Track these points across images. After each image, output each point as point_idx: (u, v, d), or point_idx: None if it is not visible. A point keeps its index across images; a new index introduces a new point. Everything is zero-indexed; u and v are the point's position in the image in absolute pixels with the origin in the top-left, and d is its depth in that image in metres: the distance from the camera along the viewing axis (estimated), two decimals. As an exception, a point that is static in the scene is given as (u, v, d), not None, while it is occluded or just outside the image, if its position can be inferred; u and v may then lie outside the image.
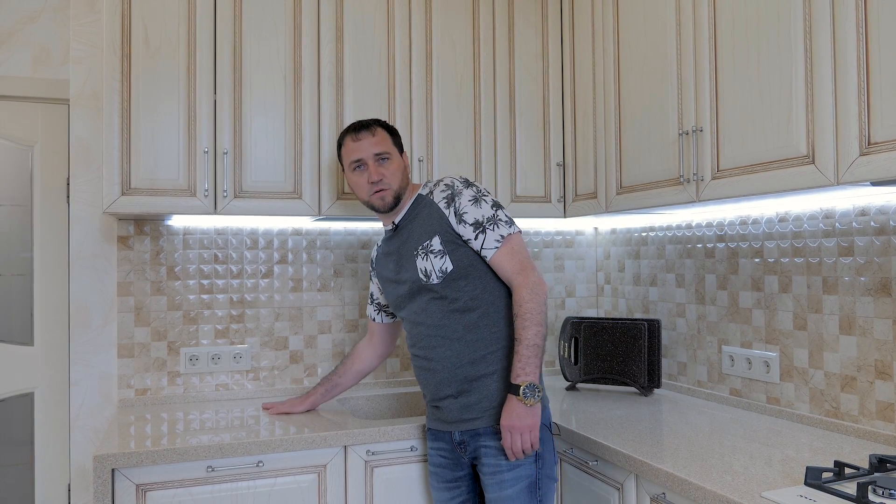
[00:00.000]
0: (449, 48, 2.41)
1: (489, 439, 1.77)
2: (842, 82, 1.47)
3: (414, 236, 1.84)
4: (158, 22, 2.09)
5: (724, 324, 2.24)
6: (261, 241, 2.50)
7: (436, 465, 1.90)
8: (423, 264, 1.80)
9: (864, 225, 1.79)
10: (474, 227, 1.77)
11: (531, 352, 1.69)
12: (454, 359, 1.79)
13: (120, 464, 1.75)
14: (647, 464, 1.61)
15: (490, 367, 1.77)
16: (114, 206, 2.03)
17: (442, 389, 1.82)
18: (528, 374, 1.68)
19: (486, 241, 1.77)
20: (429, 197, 1.85)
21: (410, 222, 1.87)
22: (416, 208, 1.87)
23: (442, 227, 1.79)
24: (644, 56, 2.09)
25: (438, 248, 1.78)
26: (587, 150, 2.41)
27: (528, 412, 1.67)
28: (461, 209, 1.78)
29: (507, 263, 1.76)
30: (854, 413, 1.82)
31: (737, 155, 1.74)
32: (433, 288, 1.79)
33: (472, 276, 1.79)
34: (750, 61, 1.70)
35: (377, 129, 1.90)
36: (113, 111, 2.04)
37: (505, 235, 1.77)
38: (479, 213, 1.77)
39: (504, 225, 1.78)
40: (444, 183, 1.84)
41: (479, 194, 1.80)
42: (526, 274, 1.75)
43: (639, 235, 2.67)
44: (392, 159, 1.89)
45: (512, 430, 1.68)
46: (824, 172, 1.51)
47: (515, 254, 1.77)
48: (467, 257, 1.79)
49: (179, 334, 2.40)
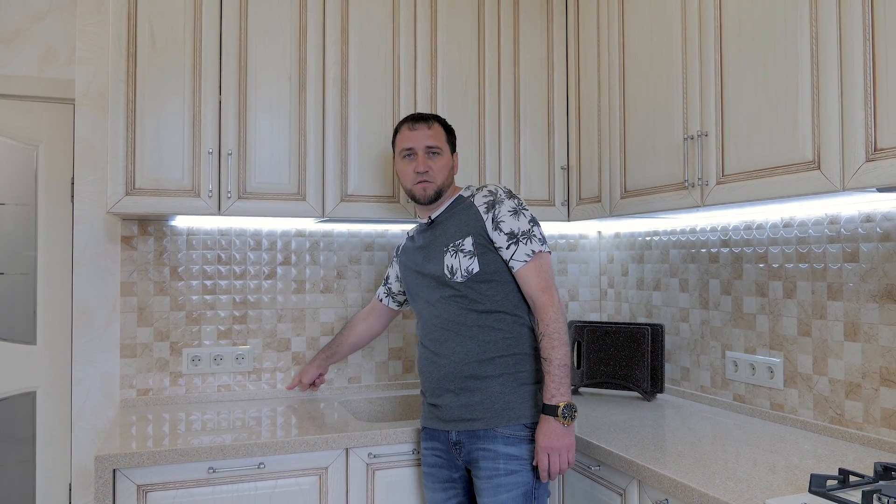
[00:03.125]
0: (454, 50, 2.41)
1: (487, 442, 1.77)
2: (848, 87, 1.47)
3: (447, 233, 1.87)
4: (164, 22, 2.09)
5: (728, 329, 2.23)
6: (264, 243, 2.50)
7: (430, 465, 1.91)
8: (450, 261, 1.83)
9: (870, 231, 1.78)
10: (509, 236, 1.80)
11: (562, 372, 1.72)
12: (462, 354, 1.81)
13: (121, 464, 1.75)
14: (649, 469, 1.61)
15: (497, 371, 1.79)
16: (118, 207, 2.03)
17: (443, 384, 1.83)
18: (562, 394, 1.71)
19: (517, 252, 1.80)
20: (469, 199, 1.89)
21: (446, 219, 1.91)
22: (454, 207, 1.91)
23: (477, 229, 1.82)
24: (649, 60, 2.09)
25: (469, 248, 1.81)
26: (591, 153, 2.40)
27: (566, 432, 1.71)
28: (499, 217, 1.81)
29: (532, 279, 1.79)
30: (859, 420, 1.81)
31: (742, 160, 1.73)
32: (455, 286, 1.83)
33: (496, 282, 1.82)
34: (756, 66, 1.70)
35: (434, 124, 1.95)
36: (118, 111, 2.04)
37: (536, 251, 1.80)
38: (517, 224, 1.81)
39: (537, 241, 1.81)
40: (488, 189, 1.88)
41: (520, 207, 1.84)
42: (552, 294, 1.78)
43: (643, 240, 2.66)
44: (442, 155, 1.93)
45: (551, 450, 1.70)
46: (830, 178, 1.50)
47: (543, 272, 1.80)
48: (495, 263, 1.82)
49: (182, 335, 2.40)
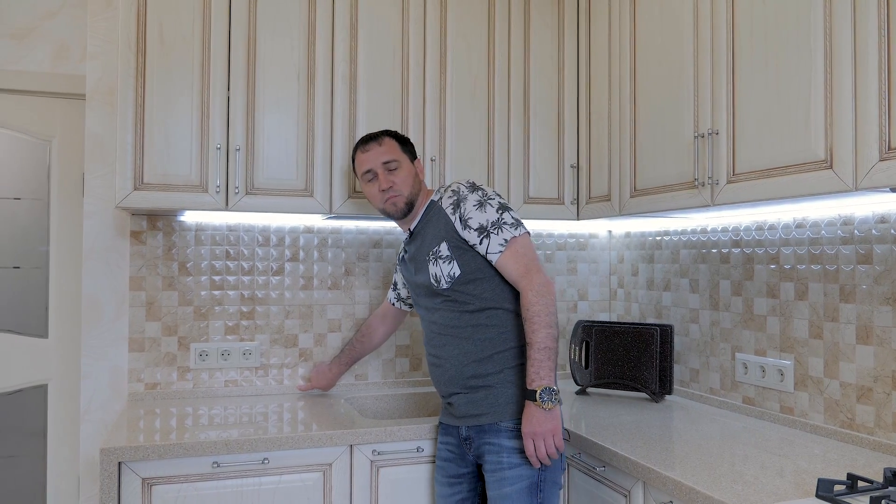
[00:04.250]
0: (464, 47, 2.39)
1: (493, 436, 1.78)
2: (862, 85, 1.44)
3: (426, 242, 1.87)
4: (173, 19, 2.10)
5: (738, 331, 2.20)
6: (272, 239, 2.50)
7: (443, 459, 1.93)
8: (434, 269, 1.83)
9: (884, 232, 1.75)
10: (478, 231, 1.78)
11: (543, 355, 1.69)
12: (462, 357, 1.82)
13: (126, 457, 1.76)
14: (654, 471, 1.59)
15: (497, 367, 1.79)
16: (126, 201, 2.04)
17: (451, 386, 1.85)
18: (542, 377, 1.68)
19: (491, 245, 1.77)
20: (439, 203, 1.88)
21: (424, 228, 1.91)
22: (428, 214, 1.91)
23: (448, 233, 1.81)
24: (660, 57, 2.06)
25: (446, 253, 1.81)
26: (601, 151, 2.38)
27: (547, 416, 1.68)
28: (466, 215, 1.79)
29: (511, 266, 1.77)
30: (870, 425, 1.78)
31: (753, 158, 1.71)
32: (443, 293, 1.83)
33: (481, 279, 1.81)
34: (768, 63, 1.67)
35: (384, 139, 1.95)
36: (127, 107, 2.05)
37: (509, 239, 1.77)
38: (484, 217, 1.78)
39: (508, 228, 1.78)
40: (451, 189, 1.86)
41: (485, 198, 1.81)
42: (531, 276, 1.74)
43: (653, 239, 2.64)
44: (401, 166, 1.92)
45: (534, 436, 1.68)
46: (842, 178, 1.47)
47: (520, 257, 1.77)
48: (475, 261, 1.81)
49: (190, 330, 2.41)
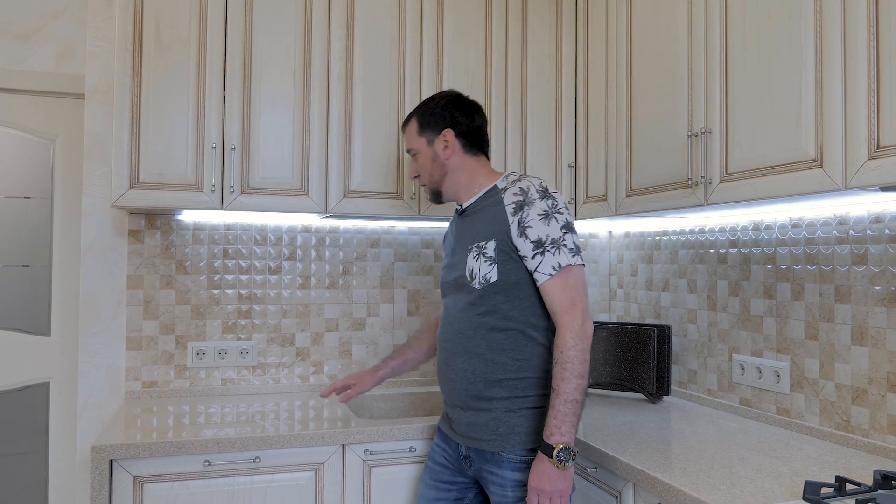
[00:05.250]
0: (461, 46, 2.39)
1: (495, 466, 1.67)
2: (852, 84, 1.42)
3: (475, 229, 1.72)
4: (170, 18, 2.11)
5: (736, 331, 2.18)
6: (270, 238, 2.51)
7: (435, 462, 1.85)
8: (472, 263, 1.69)
9: (879, 232, 1.73)
10: (535, 245, 1.61)
11: (569, 408, 1.53)
12: (470, 373, 1.70)
13: (118, 455, 1.77)
14: (644, 473, 1.58)
15: (503, 393, 1.66)
16: (121, 200, 2.05)
17: (452, 398, 1.76)
18: (563, 433, 1.53)
19: (543, 264, 1.61)
20: (501, 193, 1.70)
21: (477, 212, 1.74)
22: (486, 199, 1.73)
23: (501, 233, 1.65)
24: (656, 57, 2.05)
25: (491, 254, 1.66)
26: (599, 151, 2.37)
27: (560, 476, 1.54)
28: (526, 221, 1.62)
29: (557, 295, 1.60)
30: (865, 427, 1.75)
31: (745, 158, 1.69)
32: (472, 291, 1.69)
33: (514, 294, 1.66)
34: (760, 62, 1.65)
35: (409, 123, 1.85)
36: (123, 106, 2.07)
37: (563, 265, 1.60)
38: (545, 231, 1.61)
39: (567, 253, 1.61)
40: (520, 185, 1.67)
41: (553, 209, 1.63)
42: (574, 314, 1.58)
43: (652, 239, 2.62)
44: (419, 154, 1.82)
45: (541, 493, 1.55)
46: (832, 177, 1.46)
47: (570, 288, 1.60)
48: (517, 273, 1.65)
49: (187, 328, 2.42)
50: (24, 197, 2.56)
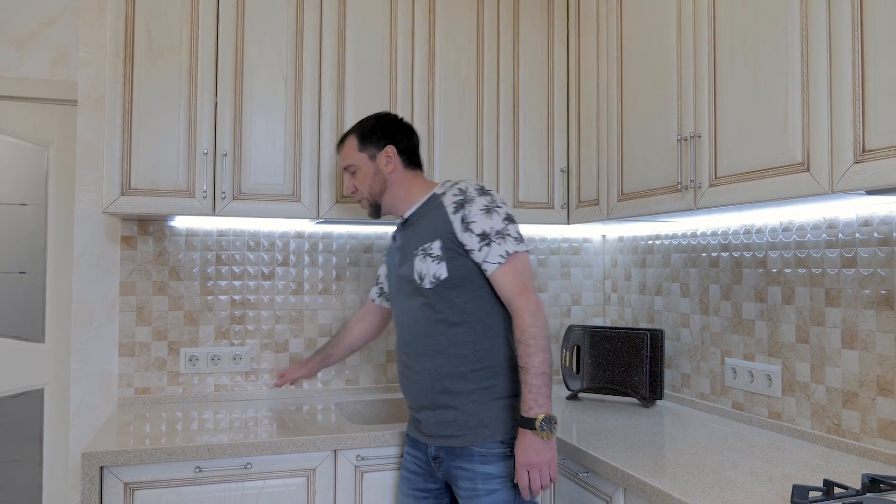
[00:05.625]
0: (452, 52, 2.40)
1: (464, 461, 1.71)
2: (837, 88, 1.42)
3: (418, 235, 1.78)
4: (161, 25, 2.12)
5: (728, 335, 2.18)
6: (263, 243, 2.51)
7: (409, 471, 1.87)
8: (420, 266, 1.74)
9: (868, 235, 1.73)
10: (480, 237, 1.68)
11: (540, 381, 1.61)
12: (434, 371, 1.74)
13: (108, 462, 1.77)
14: (633, 477, 1.58)
15: (469, 386, 1.71)
16: (113, 206, 2.06)
17: (420, 400, 1.78)
18: (541, 405, 1.60)
19: (490, 254, 1.68)
20: (441, 198, 1.77)
21: (419, 219, 1.81)
22: (427, 206, 1.81)
23: (445, 232, 1.72)
24: (646, 60, 2.05)
25: (437, 252, 1.71)
26: (590, 155, 2.37)
27: (545, 446, 1.60)
28: (470, 217, 1.69)
29: (508, 282, 1.67)
30: (855, 430, 1.75)
31: (734, 162, 1.70)
32: (424, 292, 1.74)
33: (466, 288, 1.72)
34: (747, 66, 1.66)
35: (346, 141, 1.93)
36: (115, 112, 2.07)
37: (511, 252, 1.68)
38: (489, 223, 1.68)
39: (512, 241, 1.69)
40: (458, 187, 1.75)
41: (493, 204, 1.71)
42: (527, 295, 1.66)
43: (645, 243, 2.62)
44: (359, 169, 1.89)
45: (531, 466, 1.60)
46: (819, 180, 1.46)
47: (519, 274, 1.68)
48: (465, 267, 1.71)
49: (180, 334, 2.42)
50: (20, 204, 2.57)
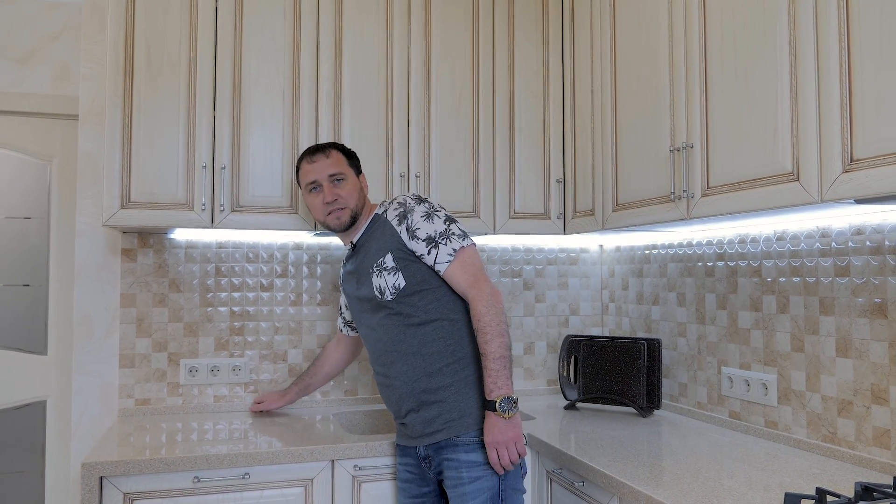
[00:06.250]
0: (448, 64, 2.42)
1: (451, 452, 1.77)
2: (825, 98, 1.44)
3: (370, 254, 1.87)
4: (160, 40, 2.15)
5: (724, 344, 2.19)
6: (262, 255, 2.53)
7: (403, 480, 1.92)
8: (377, 281, 1.82)
9: (861, 244, 1.74)
10: (426, 242, 1.79)
11: (499, 364, 1.70)
12: (411, 373, 1.80)
13: (108, 472, 1.78)
14: (628, 486, 1.58)
15: (447, 380, 1.78)
16: (113, 219, 2.08)
17: (403, 405, 1.83)
18: (500, 387, 1.69)
19: (439, 255, 1.78)
20: (383, 216, 1.88)
21: (367, 241, 1.91)
22: (372, 227, 1.91)
23: (394, 244, 1.81)
24: (638, 72, 2.07)
25: (391, 265, 1.80)
26: (586, 166, 2.39)
27: (508, 425, 1.70)
28: (413, 225, 1.80)
29: (459, 277, 1.78)
30: (850, 439, 1.75)
31: (725, 172, 1.71)
32: (388, 304, 1.82)
33: (426, 290, 1.80)
34: (738, 77, 1.68)
35: (331, 152, 1.96)
36: (115, 126, 2.10)
37: (457, 249, 1.79)
38: (432, 228, 1.79)
39: (456, 238, 1.80)
40: (396, 201, 1.86)
41: (432, 210, 1.82)
42: (480, 286, 1.76)
43: (642, 253, 2.63)
44: (347, 180, 1.94)
45: (497, 445, 1.70)
46: (808, 190, 1.47)
47: (468, 266, 1.78)
48: (420, 273, 1.80)
49: (180, 346, 2.43)
50: (24, 217, 2.60)
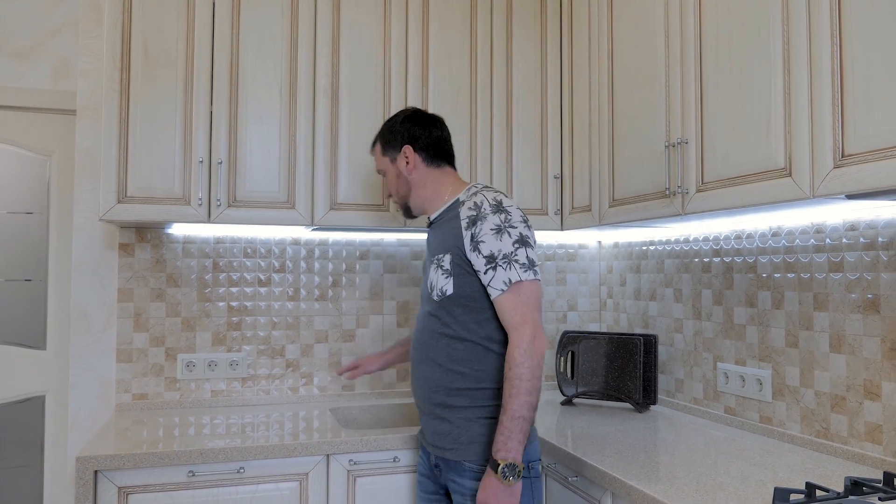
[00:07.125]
0: (446, 61, 2.42)
1: (457, 475, 1.68)
2: (818, 94, 1.44)
3: (437, 242, 1.74)
4: (158, 35, 2.15)
5: (720, 340, 2.19)
6: (259, 250, 2.54)
7: (421, 474, 1.87)
8: (433, 275, 1.72)
9: (854, 240, 1.74)
10: (487, 260, 1.61)
11: (515, 425, 1.53)
12: (432, 381, 1.72)
13: (103, 466, 1.79)
14: (621, 481, 1.58)
15: (464, 402, 1.67)
16: (109, 214, 2.09)
17: (420, 404, 1.79)
18: (509, 450, 1.53)
19: (495, 279, 1.60)
20: (460, 207, 1.71)
21: (441, 224, 1.76)
22: (449, 212, 1.75)
23: (456, 247, 1.66)
24: (635, 68, 2.07)
25: (447, 267, 1.67)
26: (583, 162, 2.39)
27: (505, 492, 1.54)
28: (479, 236, 1.62)
29: (507, 312, 1.60)
30: (843, 434, 1.76)
31: (720, 167, 1.71)
32: (433, 303, 1.73)
33: (470, 308, 1.66)
34: (732, 73, 1.67)
35: (374, 146, 1.91)
36: (111, 121, 2.10)
37: (514, 281, 1.59)
38: (497, 246, 1.60)
39: (519, 268, 1.59)
40: (474, 200, 1.67)
41: (506, 224, 1.62)
42: (524, 331, 1.57)
43: (639, 249, 2.64)
44: (387, 173, 1.87)
45: None
46: (800, 185, 1.47)
47: (520, 305, 1.58)
48: (471, 287, 1.65)
49: (177, 340, 2.44)
50: (25, 212, 2.61)
